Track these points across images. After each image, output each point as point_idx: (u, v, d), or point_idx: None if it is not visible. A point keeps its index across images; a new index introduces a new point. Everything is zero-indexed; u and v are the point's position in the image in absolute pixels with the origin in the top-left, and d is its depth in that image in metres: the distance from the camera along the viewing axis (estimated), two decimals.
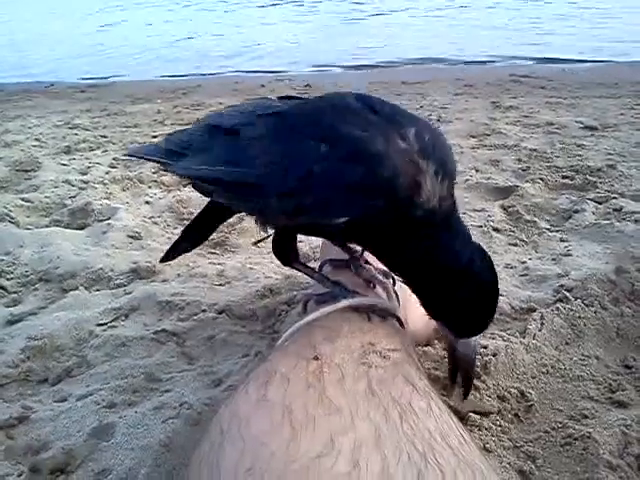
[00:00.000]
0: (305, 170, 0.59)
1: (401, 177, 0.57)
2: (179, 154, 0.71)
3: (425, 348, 0.87)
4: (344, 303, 0.64)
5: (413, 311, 0.74)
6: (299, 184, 0.59)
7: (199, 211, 0.85)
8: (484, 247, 0.64)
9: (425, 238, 0.60)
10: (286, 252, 0.73)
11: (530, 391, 0.79)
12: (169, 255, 0.89)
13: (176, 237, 0.88)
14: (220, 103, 2.65)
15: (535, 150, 1.77)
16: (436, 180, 0.59)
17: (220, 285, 1.11)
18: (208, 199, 0.79)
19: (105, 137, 2.13)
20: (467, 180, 1.56)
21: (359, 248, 0.76)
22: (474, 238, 0.65)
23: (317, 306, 0.67)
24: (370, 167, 0.56)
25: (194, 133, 0.73)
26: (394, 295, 0.73)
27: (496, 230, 1.28)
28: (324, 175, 0.58)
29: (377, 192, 0.57)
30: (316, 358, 0.53)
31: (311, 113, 0.66)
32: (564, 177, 1.54)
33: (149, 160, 0.75)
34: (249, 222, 1.34)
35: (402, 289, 0.71)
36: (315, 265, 0.80)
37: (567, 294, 0.96)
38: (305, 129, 0.62)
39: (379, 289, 0.73)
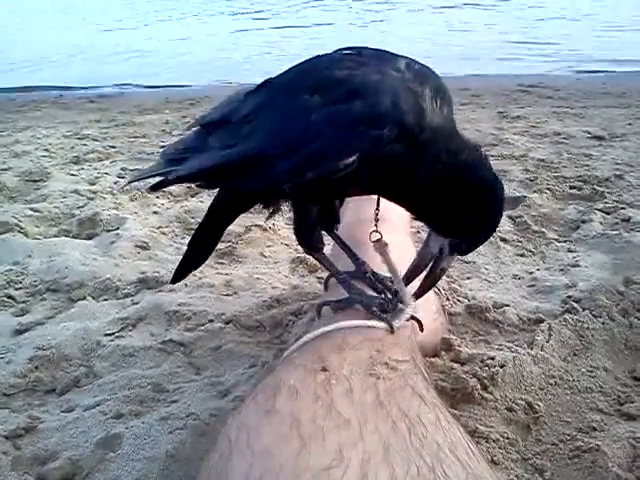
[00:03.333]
0: (304, 122, 0.58)
1: (402, 102, 0.57)
2: (178, 161, 0.69)
3: (432, 359, 0.87)
4: (357, 323, 0.64)
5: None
6: (300, 137, 0.58)
7: (200, 224, 0.84)
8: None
9: (439, 160, 0.60)
10: (310, 236, 0.71)
11: (538, 403, 0.78)
12: (180, 274, 0.86)
13: (183, 251, 0.87)
14: None
15: (543, 160, 1.76)
16: (434, 103, 0.60)
17: (227, 295, 1.11)
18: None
19: (114, 147, 2.14)
20: None
21: (363, 257, 0.76)
22: (482, 249, 0.66)
23: (333, 313, 0.67)
24: (370, 98, 0.56)
25: (188, 138, 0.73)
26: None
27: (504, 240, 1.27)
28: (324, 120, 0.57)
29: (382, 121, 0.56)
30: (324, 370, 0.53)
31: (298, 72, 0.65)
32: (572, 187, 1.54)
33: (152, 176, 0.73)
34: (256, 232, 1.35)
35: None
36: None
37: (575, 305, 0.96)
38: (296, 88, 0.61)
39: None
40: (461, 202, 0.62)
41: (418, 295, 0.71)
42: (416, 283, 0.72)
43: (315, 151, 0.57)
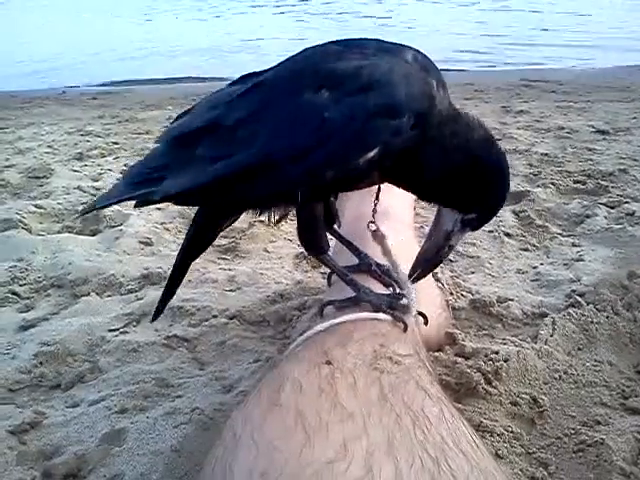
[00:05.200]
0: (316, 121, 0.55)
1: (416, 89, 0.56)
2: (155, 180, 0.62)
3: (436, 353, 0.87)
4: (363, 315, 0.64)
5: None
6: (314, 137, 0.55)
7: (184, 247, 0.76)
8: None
9: (450, 139, 0.60)
10: (316, 239, 0.68)
11: (542, 397, 0.78)
12: (163, 306, 0.82)
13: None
14: None
15: (546, 155, 1.76)
16: (440, 89, 0.60)
17: (231, 291, 1.11)
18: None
19: (117, 144, 2.14)
20: None
21: (366, 250, 0.76)
22: (486, 244, 0.66)
23: (337, 311, 0.67)
24: (385, 88, 0.55)
25: (159, 156, 0.66)
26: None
27: (507, 235, 1.27)
28: (340, 115, 0.54)
29: (400, 111, 0.55)
30: (328, 363, 0.53)
31: (294, 69, 0.61)
32: (576, 182, 1.54)
33: (123, 201, 0.66)
34: (259, 228, 1.35)
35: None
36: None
37: (579, 299, 0.95)
38: (296, 85, 0.58)
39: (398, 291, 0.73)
40: (474, 178, 0.61)
41: (422, 275, 0.70)
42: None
43: (334, 150, 0.55)
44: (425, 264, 0.69)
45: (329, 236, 0.73)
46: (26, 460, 0.73)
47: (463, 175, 0.61)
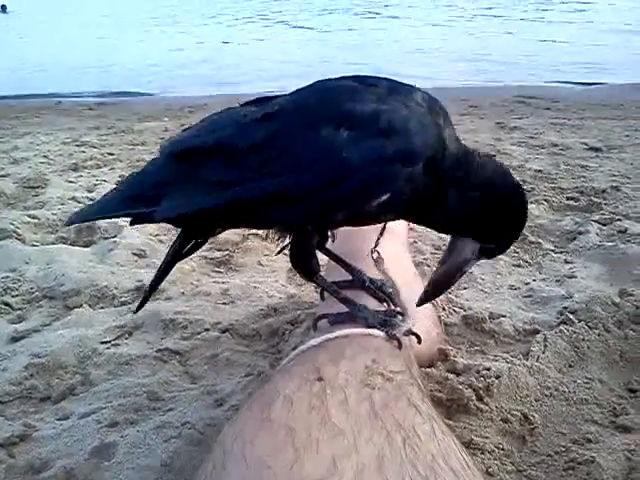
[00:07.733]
0: (334, 160, 0.56)
1: (430, 136, 0.58)
2: (153, 198, 0.62)
3: (428, 369, 0.87)
4: (356, 330, 0.64)
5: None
6: (331, 175, 0.56)
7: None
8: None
9: (462, 182, 0.61)
10: (309, 261, 0.68)
11: (533, 414, 0.78)
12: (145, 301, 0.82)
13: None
14: None
15: (540, 171, 1.77)
16: (447, 131, 0.61)
17: (224, 304, 1.11)
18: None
19: (112, 155, 2.14)
20: None
21: (359, 266, 0.76)
22: None
23: (331, 326, 0.67)
24: (402, 135, 0.56)
25: (159, 170, 0.65)
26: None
27: None
28: (358, 157, 0.56)
29: (415, 158, 0.57)
30: (319, 379, 0.53)
31: (314, 102, 0.62)
32: (569, 198, 1.55)
33: (117, 217, 0.67)
34: (253, 241, 1.35)
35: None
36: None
37: (571, 316, 0.96)
38: (315, 119, 0.59)
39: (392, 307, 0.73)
40: (495, 211, 0.62)
41: (431, 298, 0.70)
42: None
43: (348, 190, 0.57)
44: (438, 289, 0.69)
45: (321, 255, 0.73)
46: (15, 474, 0.72)
47: (484, 211, 0.62)
